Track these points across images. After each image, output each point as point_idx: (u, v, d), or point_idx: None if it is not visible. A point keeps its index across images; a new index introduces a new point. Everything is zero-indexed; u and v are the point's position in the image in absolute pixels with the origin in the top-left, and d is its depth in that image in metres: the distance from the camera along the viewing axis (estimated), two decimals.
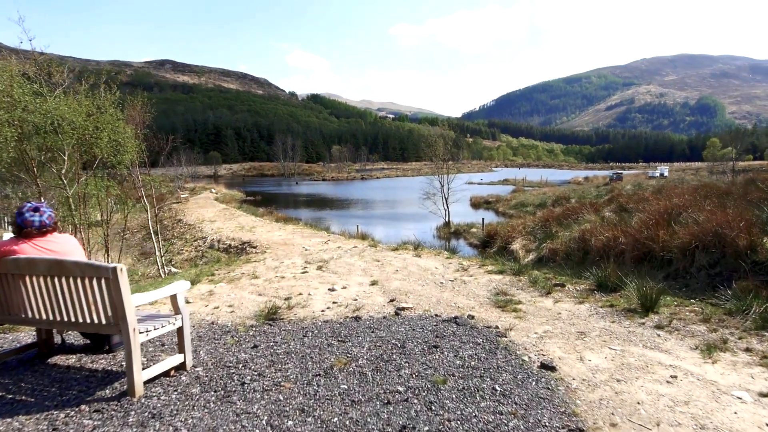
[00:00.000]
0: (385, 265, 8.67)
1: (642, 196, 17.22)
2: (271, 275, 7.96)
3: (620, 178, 33.44)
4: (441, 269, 8.27)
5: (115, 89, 10.42)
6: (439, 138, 23.38)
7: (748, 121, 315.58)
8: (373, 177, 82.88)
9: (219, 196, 38.76)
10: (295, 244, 12.36)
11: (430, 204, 22.73)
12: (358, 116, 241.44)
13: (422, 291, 6.58)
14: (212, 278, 7.90)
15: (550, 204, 26.35)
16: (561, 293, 6.39)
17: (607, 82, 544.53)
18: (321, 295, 6.46)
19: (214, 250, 15.00)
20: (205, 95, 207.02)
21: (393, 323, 4.97)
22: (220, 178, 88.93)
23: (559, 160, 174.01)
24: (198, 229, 19.70)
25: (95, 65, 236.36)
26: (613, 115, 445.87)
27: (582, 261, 11.32)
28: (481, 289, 6.67)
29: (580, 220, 14.72)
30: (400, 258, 9.42)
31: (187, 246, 17.17)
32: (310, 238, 13.62)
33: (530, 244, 14.11)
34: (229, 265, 9.35)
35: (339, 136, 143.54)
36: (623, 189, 26.53)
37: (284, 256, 10.33)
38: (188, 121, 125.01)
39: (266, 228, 17.77)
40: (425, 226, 22.80)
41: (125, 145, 9.57)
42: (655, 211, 11.65)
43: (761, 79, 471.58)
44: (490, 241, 17.01)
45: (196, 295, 6.67)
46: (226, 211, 26.25)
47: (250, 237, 14.99)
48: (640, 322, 5.01)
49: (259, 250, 11.97)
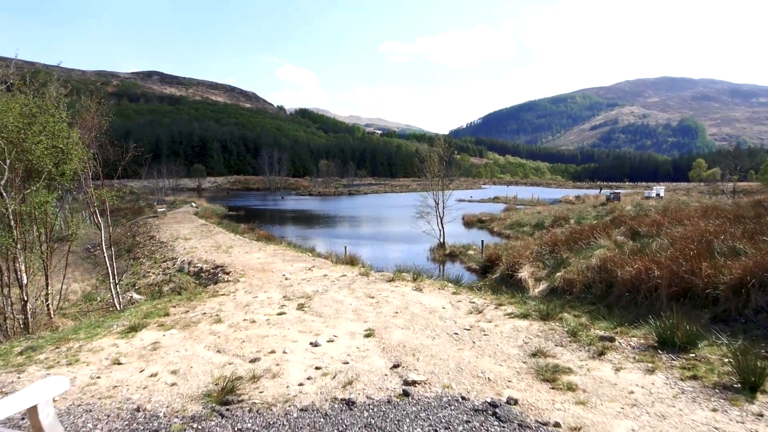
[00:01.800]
0: (381, 303, 7.10)
1: (654, 218, 15.91)
2: (239, 318, 6.32)
3: (618, 198, 32.40)
4: (450, 310, 6.72)
5: (65, 91, 8.82)
6: (434, 153, 21.98)
7: (728, 143, 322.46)
8: (361, 192, 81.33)
9: (199, 211, 36.82)
10: (275, 271, 10.72)
11: (423, 223, 21.24)
12: (347, 131, 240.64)
13: (434, 347, 5.02)
14: (164, 321, 6.24)
15: (549, 224, 25.04)
16: (615, 352, 4.88)
17: (592, 103, 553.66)
18: (300, 353, 4.85)
19: (184, 274, 13.27)
20: (192, 107, 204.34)
21: (402, 415, 3.39)
22: (204, 191, 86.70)
23: (547, 178, 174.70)
24: (170, 247, 17.88)
25: (81, 75, 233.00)
26: (597, 135, 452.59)
27: (605, 294, 9.88)
28: (509, 345, 5.14)
29: (592, 245, 13.33)
30: (398, 293, 7.85)
31: (154, 267, 15.36)
32: (292, 263, 11.98)
33: (539, 271, 12.64)
34: (190, 299, 7.69)
35: (327, 150, 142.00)
36: (624, 209, 25.37)
37: (260, 287, 8.69)
38: (173, 132, 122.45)
39: (245, 248, 16.07)
40: (418, 248, 21.25)
41: (69, 152, 7.91)
42: (686, 237, 10.31)
43: (740, 102, 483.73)
44: (491, 266, 15.53)
45: (134, 350, 5.03)
46: (204, 227, 24.43)
47: (225, 260, 13.29)
48: (754, 413, 3.50)
49: (232, 277, 10.30)
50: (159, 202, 41.39)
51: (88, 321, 7.29)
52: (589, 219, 25.17)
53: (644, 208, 24.66)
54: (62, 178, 8.01)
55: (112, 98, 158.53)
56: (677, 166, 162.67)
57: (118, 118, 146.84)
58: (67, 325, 8.82)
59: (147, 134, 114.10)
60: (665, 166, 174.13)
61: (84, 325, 6.63)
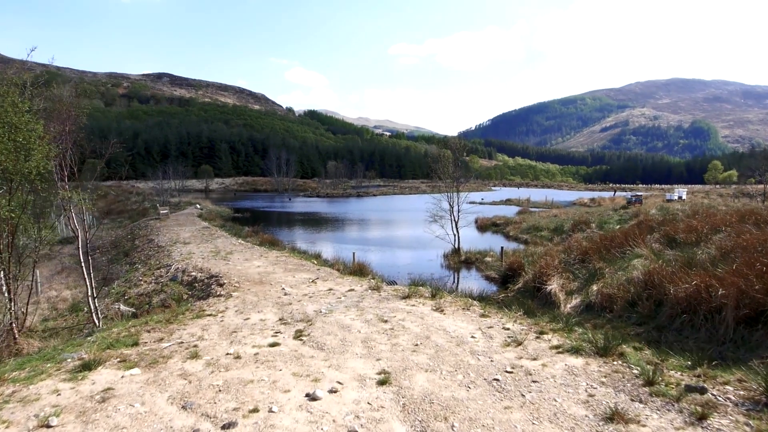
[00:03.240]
0: (397, 329, 5.85)
1: (689, 223, 14.46)
2: (221, 351, 5.10)
3: (640, 201, 30.86)
4: (482, 341, 5.46)
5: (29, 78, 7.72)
6: (449, 153, 20.69)
7: (740, 144, 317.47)
8: (370, 194, 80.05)
9: (203, 213, 35.77)
10: (274, 283, 9.51)
11: (436, 227, 19.94)
12: (355, 133, 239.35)
13: (471, 405, 3.75)
14: (128, 354, 5.04)
15: (569, 229, 23.63)
16: (718, 414, 3.59)
17: (602, 104, 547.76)
18: (292, 413, 3.61)
19: (176, 283, 12.12)
20: (201, 109, 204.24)
21: None
22: (211, 192, 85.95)
23: (558, 181, 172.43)
24: (166, 252, 16.76)
25: (92, 77, 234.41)
26: (607, 137, 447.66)
27: (653, 314, 8.55)
28: (571, 399, 3.86)
29: (627, 254, 11.98)
30: (416, 315, 6.61)
31: (147, 275, 14.23)
32: (294, 273, 10.77)
33: (569, 283, 11.31)
34: (170, 321, 6.49)
35: (335, 152, 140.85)
36: (649, 213, 23.89)
37: (254, 305, 7.48)
38: (182, 133, 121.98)
39: (245, 254, 14.91)
40: (431, 253, 19.93)
41: (31, 146, 6.76)
42: (745, 247, 8.94)
43: (753, 103, 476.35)
44: (512, 275, 14.20)
45: (76, 403, 3.82)
46: (205, 230, 23.31)
47: (222, 268, 12.11)
48: None
49: (225, 290, 9.12)
50: (164, 203, 40.44)
51: (46, 350, 6.12)
52: (611, 223, 23.73)
53: (670, 211, 23.19)
54: (22, 177, 6.86)
55: (123, 99, 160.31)
56: (691, 168, 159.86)
57: (128, 119, 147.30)
58: (33, 348, 7.68)
59: (156, 135, 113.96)
60: (678, 168, 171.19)
61: (35, 357, 5.46)
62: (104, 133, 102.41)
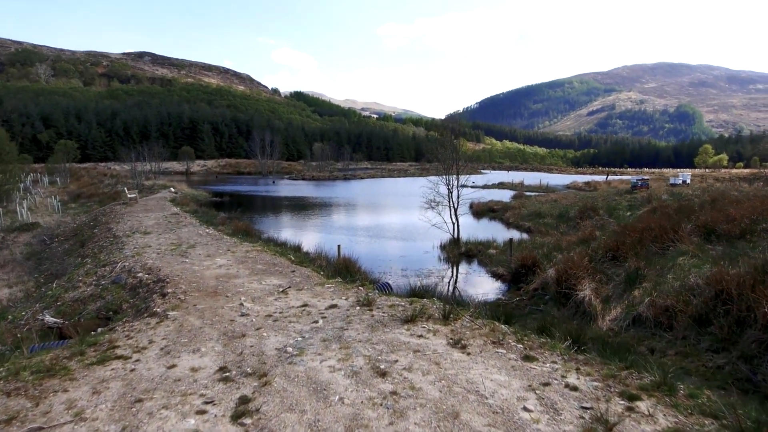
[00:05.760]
0: (402, 394, 3.66)
1: (728, 213, 12.43)
2: None
3: (646, 185, 28.99)
4: (543, 418, 3.31)
5: None
6: (447, 133, 18.38)
7: (724, 129, 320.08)
8: (357, 177, 77.30)
9: (177, 197, 33.06)
10: (231, 294, 7.25)
11: (432, 214, 17.73)
12: (342, 115, 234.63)
13: None
14: None
15: (575, 215, 21.63)
16: None
17: (589, 88, 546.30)
18: None
19: (119, 287, 9.83)
20: (184, 89, 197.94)
21: None
22: (192, 174, 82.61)
23: (547, 164, 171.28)
24: (120, 244, 14.32)
25: (70, 55, 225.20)
26: (594, 121, 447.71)
27: (732, 336, 6.51)
28: None
29: (669, 251, 9.94)
30: (427, 357, 4.43)
31: (90, 274, 11.86)
32: (262, 277, 8.51)
33: (602, 287, 9.23)
34: (51, 373, 4.22)
35: (322, 134, 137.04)
36: (661, 198, 21.98)
37: (191, 338, 5.22)
38: (162, 114, 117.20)
39: (209, 248, 12.59)
40: (426, 244, 17.73)
41: None
42: None
43: (737, 88, 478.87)
44: (524, 272, 12.11)
45: None
46: (174, 217, 20.79)
47: (175, 268, 9.83)
48: None
49: (164, 306, 6.86)
50: (136, 186, 37.59)
51: None
52: (621, 209, 21.78)
53: (683, 196, 21.34)
54: None
55: (102, 78, 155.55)
56: (678, 152, 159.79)
57: (107, 99, 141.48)
58: None
59: (135, 116, 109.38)
60: (666, 152, 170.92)
61: None
62: (81, 113, 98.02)
